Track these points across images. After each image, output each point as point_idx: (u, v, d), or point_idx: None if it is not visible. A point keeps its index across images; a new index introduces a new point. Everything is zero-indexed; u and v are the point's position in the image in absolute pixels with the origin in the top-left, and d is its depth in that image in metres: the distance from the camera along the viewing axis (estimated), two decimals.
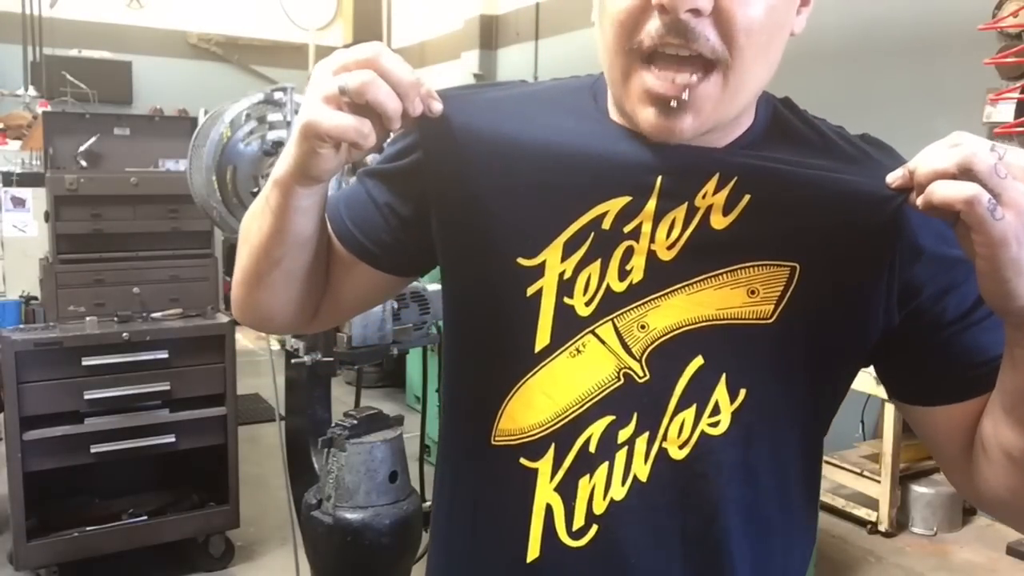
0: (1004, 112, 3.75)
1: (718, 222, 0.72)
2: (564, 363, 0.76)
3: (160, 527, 3.11)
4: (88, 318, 3.01)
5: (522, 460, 0.77)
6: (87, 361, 2.89)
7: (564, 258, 0.75)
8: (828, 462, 3.79)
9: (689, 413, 0.74)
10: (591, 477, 0.75)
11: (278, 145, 2.32)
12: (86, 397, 2.89)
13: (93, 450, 2.91)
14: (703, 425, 0.74)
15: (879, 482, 3.73)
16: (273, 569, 3.27)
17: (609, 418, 0.75)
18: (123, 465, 3.10)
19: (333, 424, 2.08)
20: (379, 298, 1.04)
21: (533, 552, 0.77)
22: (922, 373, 0.77)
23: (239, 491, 3.23)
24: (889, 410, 3.71)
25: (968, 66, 3.87)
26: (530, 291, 0.75)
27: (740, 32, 0.67)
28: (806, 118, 0.80)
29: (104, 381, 2.93)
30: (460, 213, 0.79)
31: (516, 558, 0.77)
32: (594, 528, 0.75)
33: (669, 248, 0.73)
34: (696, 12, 0.65)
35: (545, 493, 0.76)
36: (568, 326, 0.76)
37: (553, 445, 0.76)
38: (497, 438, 0.78)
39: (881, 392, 3.95)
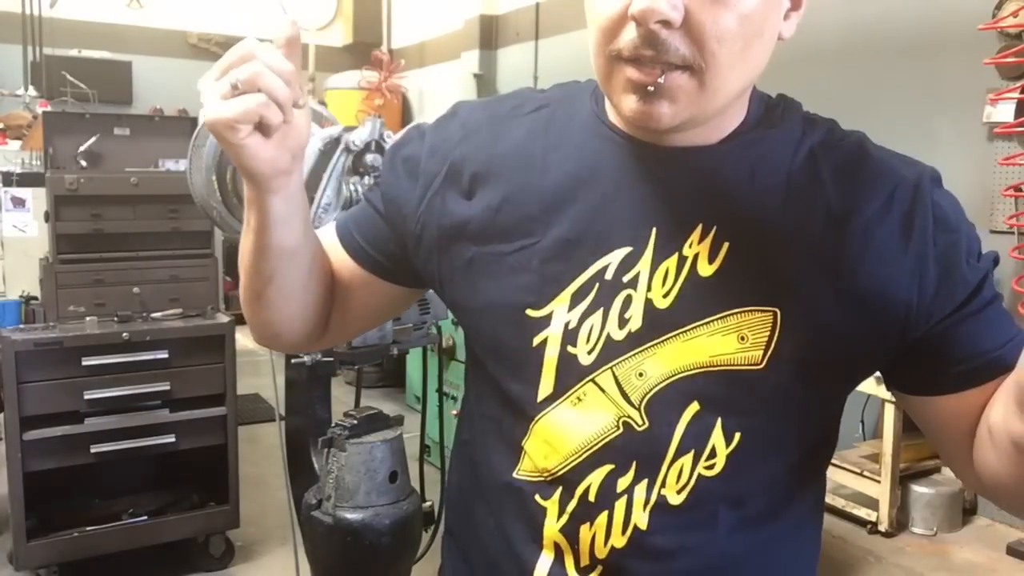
0: (1004, 112, 3.75)
1: (704, 270, 0.75)
2: (566, 412, 0.78)
3: (160, 527, 3.11)
4: (88, 318, 3.01)
5: (536, 497, 0.80)
6: (87, 361, 2.89)
7: (571, 308, 0.77)
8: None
9: (687, 459, 0.76)
10: (591, 525, 0.77)
11: None
12: (86, 397, 2.89)
13: (93, 450, 2.91)
14: (700, 469, 0.76)
15: (879, 482, 3.73)
16: (273, 569, 3.28)
17: (608, 467, 0.77)
18: (123, 465, 3.10)
19: (333, 424, 2.08)
20: (389, 311, 1.04)
21: None
22: (921, 366, 0.78)
23: (239, 491, 3.23)
24: (889, 410, 3.71)
25: (968, 66, 3.87)
26: (536, 341, 0.78)
27: (711, 40, 0.69)
28: (794, 118, 0.82)
29: (104, 381, 2.92)
30: (470, 265, 0.82)
31: None
32: (599, 568, 0.78)
33: (664, 296, 0.76)
34: (667, 24, 0.67)
35: (552, 532, 0.79)
36: (570, 375, 0.78)
37: (560, 489, 0.79)
38: (519, 473, 0.82)
39: (881, 392, 3.95)
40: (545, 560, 0.80)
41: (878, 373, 0.81)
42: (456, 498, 0.93)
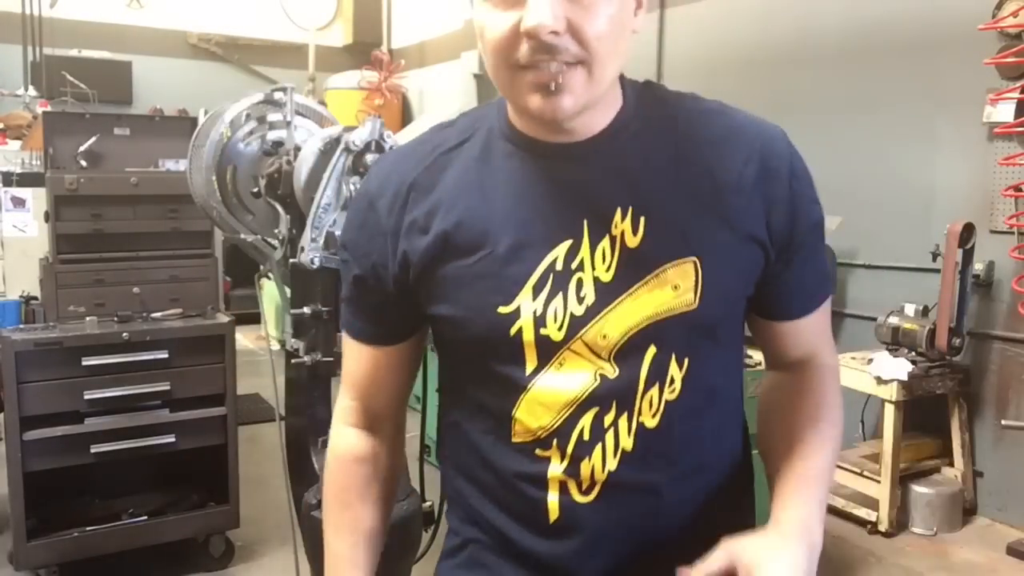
0: (1004, 112, 3.75)
1: (631, 242, 0.93)
2: (551, 379, 0.95)
3: (160, 527, 3.11)
4: (88, 318, 3.01)
5: (537, 452, 0.97)
6: (87, 361, 2.89)
7: (535, 298, 0.94)
8: None
9: (654, 390, 0.95)
10: (590, 458, 0.96)
11: (278, 145, 2.33)
12: (86, 397, 2.89)
13: (93, 450, 2.91)
14: (665, 395, 0.95)
15: (879, 482, 3.73)
16: (273, 569, 3.28)
17: (595, 410, 0.95)
18: (123, 465, 3.10)
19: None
20: (412, 374, 1.15)
21: (553, 515, 0.97)
22: (769, 292, 1.01)
23: (239, 491, 3.23)
24: (889, 410, 3.71)
25: (968, 66, 3.87)
26: (512, 331, 0.95)
27: (592, 39, 0.85)
28: (666, 104, 0.99)
29: (104, 381, 2.93)
30: (442, 283, 0.98)
31: (536, 523, 0.98)
32: (598, 487, 0.96)
33: (607, 271, 0.93)
34: (555, 33, 0.83)
35: (556, 474, 0.97)
36: (548, 350, 0.95)
37: (556, 439, 0.96)
38: (514, 439, 0.98)
39: (881, 392, 3.95)
40: (553, 495, 0.97)
41: (878, 373, 0.88)
42: (453, 471, 1.09)
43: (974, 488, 3.98)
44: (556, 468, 0.96)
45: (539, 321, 0.94)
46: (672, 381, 0.95)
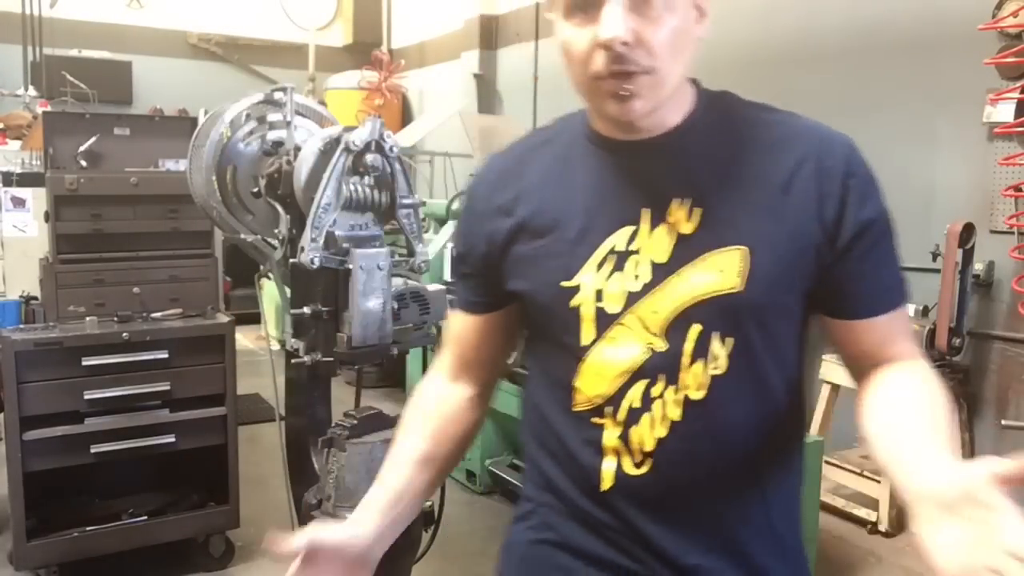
0: (1004, 112, 3.75)
1: (685, 228, 1.03)
2: (607, 350, 1.05)
3: (160, 527, 3.11)
4: (88, 318, 3.01)
5: (593, 419, 1.07)
6: (87, 361, 2.89)
7: (596, 274, 1.06)
8: (828, 462, 3.79)
9: (699, 365, 1.03)
10: (638, 425, 1.04)
11: (278, 145, 2.32)
12: (86, 397, 2.89)
13: (93, 450, 2.91)
14: (710, 370, 1.03)
15: (879, 482, 3.73)
16: (273, 569, 3.25)
17: (644, 381, 1.04)
18: (123, 465, 3.10)
19: (333, 424, 2.08)
20: (502, 342, 1.26)
21: (606, 483, 1.06)
22: (831, 293, 1.06)
23: (239, 491, 3.23)
24: None
25: (968, 66, 3.87)
26: (572, 304, 1.06)
27: (658, 49, 0.97)
28: (735, 109, 1.10)
29: (104, 381, 2.93)
30: (521, 263, 1.12)
31: (589, 488, 1.07)
32: (649, 462, 1.04)
33: (662, 253, 1.04)
34: (627, 44, 0.95)
35: (611, 442, 1.05)
36: (604, 322, 1.05)
37: (609, 407, 1.05)
38: (575, 408, 1.08)
39: None
40: (608, 463, 1.06)
41: None
42: (531, 443, 1.19)
43: None
44: (610, 435, 1.06)
45: (598, 296, 1.05)
46: (716, 358, 1.03)
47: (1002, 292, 3.88)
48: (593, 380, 1.06)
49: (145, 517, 3.11)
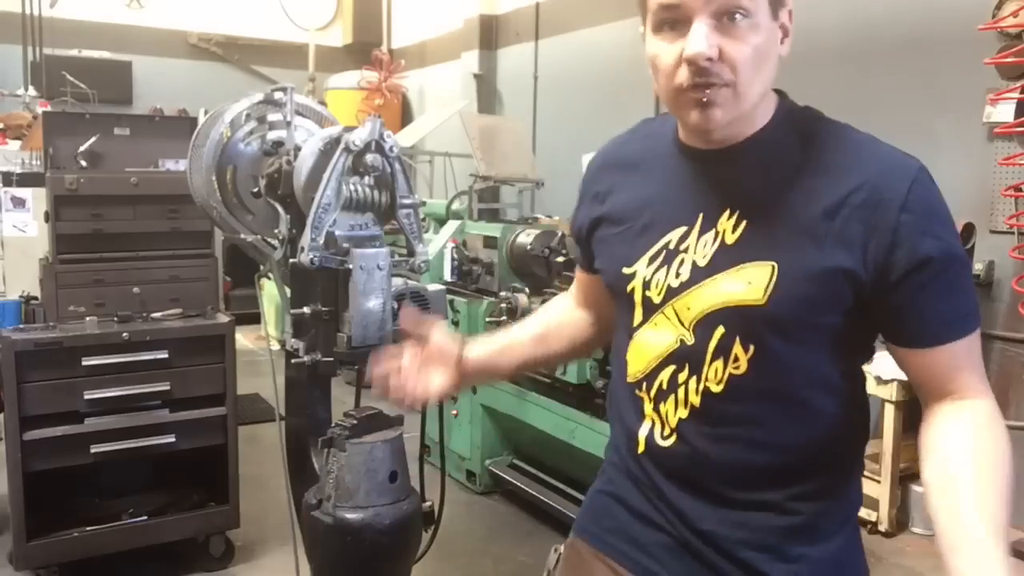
0: (1004, 112, 3.75)
1: (729, 239, 1.12)
2: (648, 334, 1.20)
3: (160, 527, 3.11)
4: (88, 318, 3.01)
5: (636, 391, 1.22)
6: (87, 361, 2.89)
7: (647, 266, 1.19)
8: None
9: (719, 363, 1.13)
10: (666, 404, 1.18)
11: (278, 145, 2.32)
12: (86, 397, 2.89)
13: (93, 450, 2.91)
14: (730, 369, 1.12)
15: (879, 482, 3.73)
16: (273, 569, 3.28)
17: (672, 367, 1.17)
18: (123, 465, 3.10)
19: (333, 424, 2.08)
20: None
21: (640, 448, 1.23)
22: (888, 319, 1.11)
23: (239, 491, 3.23)
24: (889, 410, 3.71)
25: (968, 66, 3.87)
26: (628, 288, 1.21)
27: (739, 65, 1.05)
28: (810, 128, 1.15)
29: (104, 381, 2.93)
30: (602, 242, 1.29)
31: (633, 450, 1.24)
32: (674, 436, 1.18)
33: (703, 258, 1.14)
34: (710, 60, 1.03)
35: (649, 411, 1.21)
36: (649, 309, 1.19)
37: (645, 384, 1.20)
38: (628, 379, 1.24)
39: (881, 392, 3.94)
40: (645, 427, 1.21)
41: (878, 373, 0.87)
42: (610, 400, 1.35)
43: None
44: (647, 406, 1.21)
45: (646, 285, 1.19)
46: (736, 359, 1.12)
47: (1002, 292, 3.88)
48: (637, 357, 1.22)
49: (145, 517, 3.11)
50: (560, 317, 1.48)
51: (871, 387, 3.77)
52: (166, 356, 3.01)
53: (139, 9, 9.11)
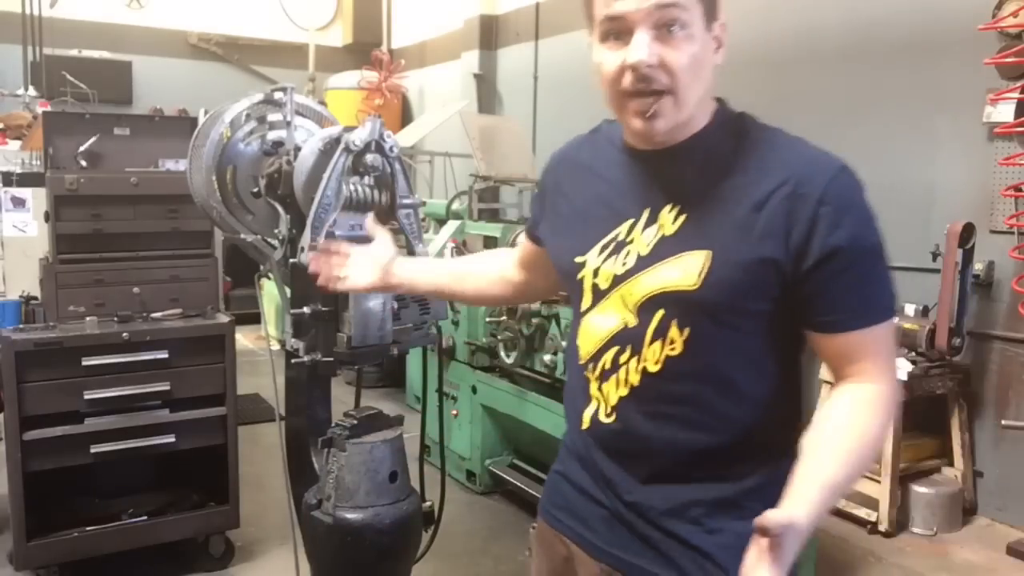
0: (1004, 112, 3.75)
1: (668, 230, 1.22)
2: (596, 317, 1.29)
3: (160, 527, 3.11)
4: (88, 318, 3.00)
5: (585, 372, 1.31)
6: (87, 361, 2.89)
7: (598, 256, 1.29)
8: None
9: (658, 344, 1.22)
10: (608, 383, 1.27)
11: (278, 145, 2.32)
12: (86, 397, 2.89)
13: (93, 450, 2.91)
14: (666, 350, 1.22)
15: (879, 482, 3.73)
16: (273, 569, 3.28)
17: (616, 348, 1.26)
18: (123, 465, 3.10)
19: (333, 424, 2.08)
20: (548, 272, 1.49)
21: (585, 424, 1.32)
22: (801, 306, 1.19)
23: (239, 491, 3.23)
24: None
25: (968, 66, 3.87)
26: (579, 276, 1.31)
27: (677, 71, 1.14)
28: (743, 131, 1.23)
29: (104, 381, 2.92)
30: (555, 232, 1.41)
31: (578, 428, 1.34)
32: (614, 414, 1.27)
33: (646, 247, 1.24)
34: (651, 66, 1.13)
35: (594, 391, 1.30)
36: (598, 295, 1.28)
37: (591, 364, 1.30)
38: (579, 361, 1.32)
39: None
40: (591, 407, 1.31)
41: None
42: (567, 385, 1.44)
43: (974, 488, 3.98)
44: (593, 387, 1.30)
45: (595, 273, 1.28)
46: (672, 341, 1.21)
47: (1002, 292, 3.88)
48: (586, 339, 1.31)
49: (145, 517, 3.11)
50: (486, 267, 1.64)
51: None
52: (166, 356, 3.01)
53: (139, 9, 9.12)
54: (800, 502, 1.07)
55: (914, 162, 4.23)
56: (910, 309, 3.90)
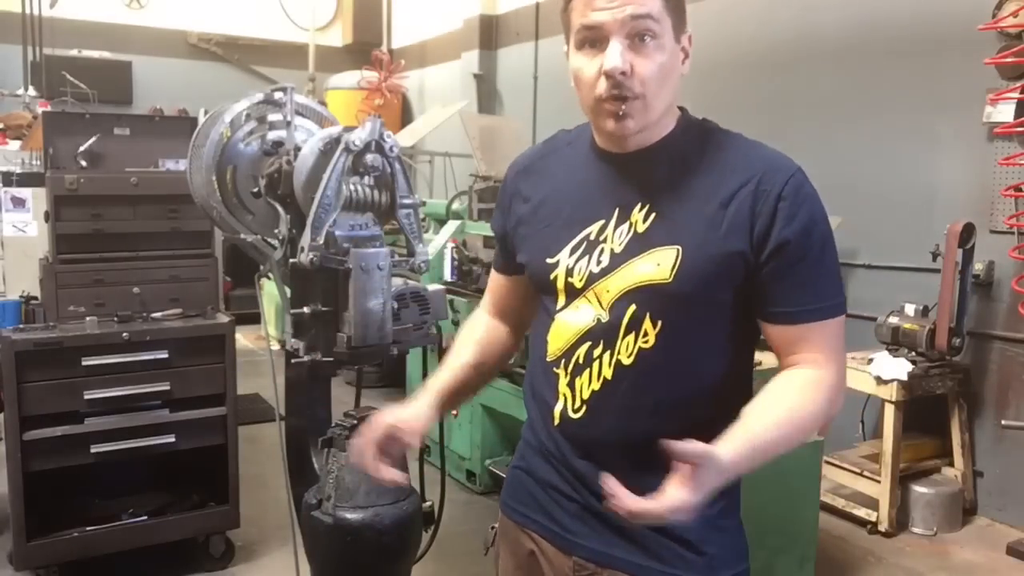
0: (1004, 112, 3.75)
1: (640, 228, 1.28)
2: (569, 314, 1.33)
3: (160, 527, 3.11)
4: (88, 318, 3.01)
5: (554, 368, 1.35)
6: (87, 361, 2.89)
7: (570, 256, 1.33)
8: (828, 462, 3.79)
9: (631, 337, 1.27)
10: (581, 377, 1.31)
11: (278, 145, 2.32)
12: (86, 397, 2.89)
13: (93, 450, 2.91)
14: (639, 343, 1.27)
15: (879, 482, 3.73)
16: (273, 569, 3.28)
17: (588, 343, 1.30)
18: (123, 465, 3.10)
19: (333, 424, 2.08)
20: (527, 298, 1.50)
21: (555, 421, 1.34)
22: (757, 297, 1.26)
23: (239, 491, 3.23)
24: (889, 410, 3.71)
25: (968, 66, 3.87)
26: (551, 276, 1.34)
27: (647, 79, 1.22)
28: (707, 135, 1.32)
29: (104, 381, 2.93)
30: (524, 239, 1.42)
31: (549, 424, 1.36)
32: (584, 407, 1.31)
33: (619, 246, 1.29)
34: (624, 74, 1.21)
35: (563, 387, 1.33)
36: (571, 294, 1.32)
37: (563, 360, 1.33)
38: (547, 358, 1.36)
39: (881, 392, 3.93)
40: (559, 404, 1.33)
41: (878, 373, 0.86)
42: (527, 381, 1.47)
43: (974, 488, 3.98)
44: (563, 383, 1.33)
45: (568, 272, 1.32)
46: (646, 334, 1.27)
47: (1002, 292, 3.88)
48: (557, 336, 1.35)
49: (145, 517, 3.11)
50: (488, 337, 1.57)
51: (871, 388, 3.77)
52: (166, 356, 3.01)
53: (139, 9, 9.12)
54: (726, 445, 1.13)
55: (914, 162, 4.23)
56: (910, 309, 3.90)
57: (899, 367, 3.69)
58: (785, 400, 1.23)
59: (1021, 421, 3.70)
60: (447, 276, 4.64)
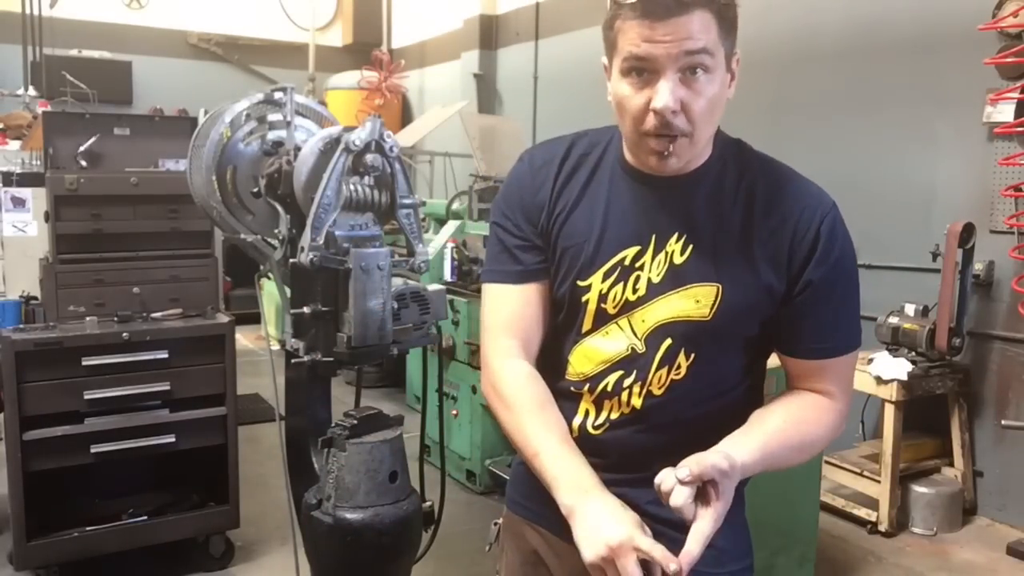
0: (1004, 112, 3.75)
1: (678, 260, 1.27)
2: (598, 340, 1.31)
3: (160, 527, 3.11)
4: (88, 318, 3.01)
5: (573, 388, 1.33)
6: (87, 361, 2.89)
7: (603, 280, 1.30)
8: (828, 462, 3.79)
9: (664, 370, 1.28)
10: (609, 402, 1.31)
11: (278, 145, 2.32)
12: (86, 397, 2.89)
13: (93, 450, 2.91)
14: (671, 375, 1.28)
15: (879, 482, 3.73)
16: (273, 569, 3.28)
17: (619, 372, 1.30)
18: (123, 465, 3.10)
19: (333, 424, 2.08)
20: (547, 311, 1.40)
21: (574, 432, 1.31)
22: (781, 330, 1.29)
23: (239, 491, 3.23)
24: (889, 410, 3.71)
25: (968, 66, 3.87)
26: (583, 299, 1.31)
27: (696, 117, 1.18)
28: (745, 163, 1.30)
29: (104, 381, 2.93)
30: (557, 253, 1.34)
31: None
32: (607, 426, 1.31)
33: (657, 275, 1.28)
34: (674, 112, 1.16)
35: (587, 404, 1.33)
36: (602, 319, 1.30)
37: (588, 385, 1.32)
38: (566, 377, 1.34)
39: (881, 392, 3.93)
40: (579, 418, 1.33)
41: (878, 373, 0.87)
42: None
43: (974, 488, 3.98)
44: (587, 400, 1.32)
45: (601, 298, 1.29)
46: (679, 367, 1.27)
47: (1002, 292, 3.88)
48: (582, 360, 1.32)
49: (145, 517, 3.11)
50: (544, 394, 1.33)
51: (871, 388, 3.78)
52: (166, 356, 3.01)
53: (139, 9, 9.12)
54: (739, 448, 1.15)
55: (914, 162, 4.23)
56: (910, 309, 3.90)
57: (899, 367, 3.69)
58: (799, 420, 1.26)
59: (1021, 421, 3.70)
60: (447, 276, 4.64)
